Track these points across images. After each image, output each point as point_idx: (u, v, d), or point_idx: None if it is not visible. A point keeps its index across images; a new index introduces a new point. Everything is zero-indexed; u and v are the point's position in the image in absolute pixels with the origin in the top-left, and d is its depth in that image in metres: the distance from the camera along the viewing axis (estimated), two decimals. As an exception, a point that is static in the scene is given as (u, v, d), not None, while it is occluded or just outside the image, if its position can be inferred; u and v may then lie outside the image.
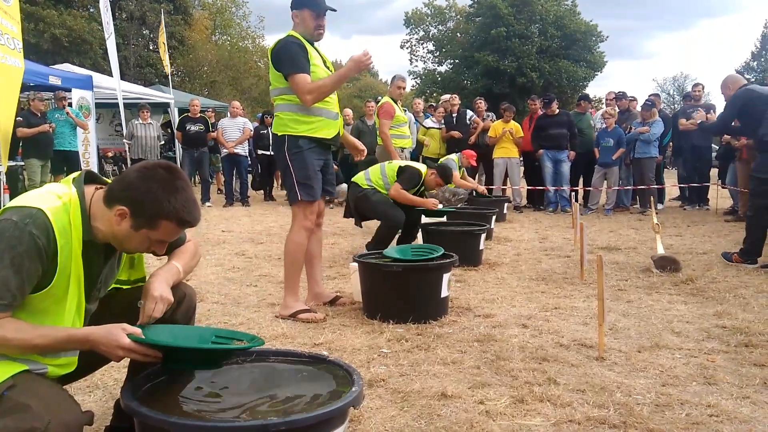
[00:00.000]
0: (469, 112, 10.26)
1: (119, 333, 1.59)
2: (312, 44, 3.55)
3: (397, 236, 5.40)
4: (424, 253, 3.84)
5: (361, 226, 5.79)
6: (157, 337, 1.69)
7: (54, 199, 1.64)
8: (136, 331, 1.61)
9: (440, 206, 6.03)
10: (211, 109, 13.25)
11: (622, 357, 2.90)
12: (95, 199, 1.71)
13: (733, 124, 5.63)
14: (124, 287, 2.01)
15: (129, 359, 1.92)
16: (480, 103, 10.55)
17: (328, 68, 3.61)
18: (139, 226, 1.67)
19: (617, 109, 9.77)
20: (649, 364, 2.79)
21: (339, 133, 3.69)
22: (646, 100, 9.37)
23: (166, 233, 1.72)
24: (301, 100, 3.41)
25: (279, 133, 3.54)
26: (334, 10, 3.57)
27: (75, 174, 1.76)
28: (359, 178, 5.42)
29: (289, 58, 3.40)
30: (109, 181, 1.80)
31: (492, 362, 2.83)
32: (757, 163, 5.20)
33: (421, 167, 5.47)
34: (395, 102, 7.17)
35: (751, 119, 5.12)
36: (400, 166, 5.33)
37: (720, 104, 10.45)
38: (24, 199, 1.63)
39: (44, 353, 1.63)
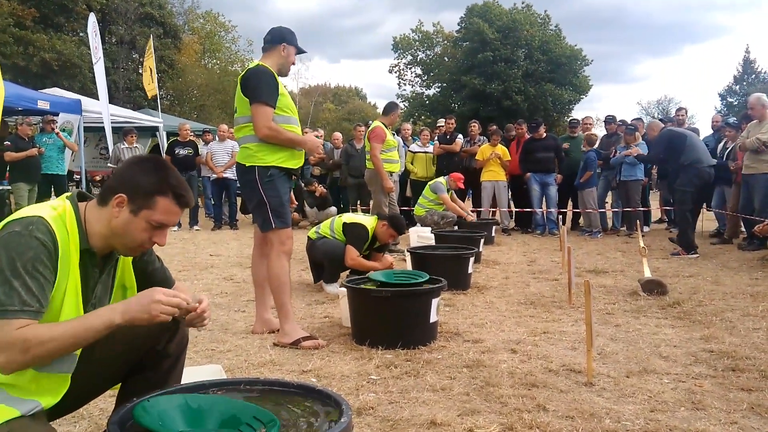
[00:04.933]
0: (460, 137, 10.36)
1: (155, 294, 1.66)
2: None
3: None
4: (407, 278, 3.85)
5: (315, 281, 5.43)
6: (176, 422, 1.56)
7: (50, 210, 1.69)
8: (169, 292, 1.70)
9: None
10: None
11: (611, 382, 2.90)
12: (88, 208, 1.77)
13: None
14: None
15: (117, 394, 1.92)
16: (474, 126, 10.66)
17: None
18: (139, 208, 1.72)
19: (596, 134, 9.92)
20: (638, 389, 2.80)
21: (302, 163, 3.81)
22: (629, 125, 9.51)
23: (165, 212, 1.75)
24: (257, 128, 3.46)
25: (247, 164, 3.56)
26: (305, 52, 3.93)
27: (67, 193, 1.82)
28: (311, 231, 5.45)
29: (262, 86, 3.46)
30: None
31: (481, 388, 2.82)
32: (680, 179, 7.01)
33: (367, 222, 5.19)
34: (386, 127, 7.24)
35: (674, 151, 6.99)
36: (344, 223, 5.17)
37: (704, 128, 10.66)
38: (21, 212, 1.67)
39: (80, 345, 1.63)
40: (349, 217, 5.30)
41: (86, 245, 1.73)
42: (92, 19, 12.34)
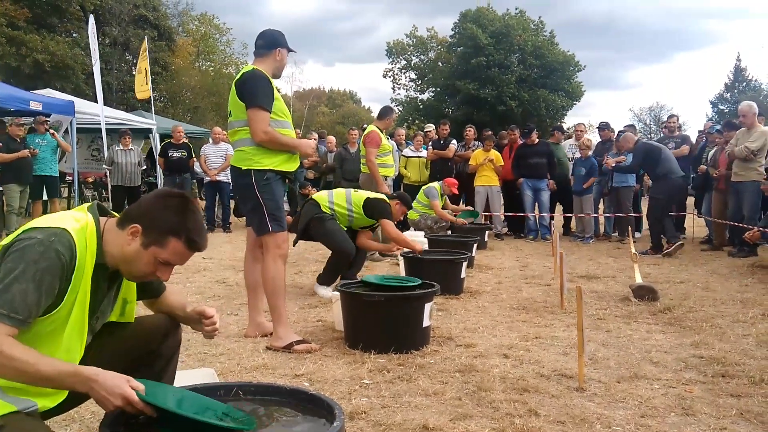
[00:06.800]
0: (454, 142, 10.39)
1: (123, 381, 1.57)
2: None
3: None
4: (400, 283, 3.86)
5: (294, 245, 5.21)
6: (156, 396, 1.64)
7: (73, 221, 1.71)
8: (140, 386, 1.59)
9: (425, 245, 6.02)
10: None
11: (602, 387, 2.92)
12: (108, 226, 1.80)
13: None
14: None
15: None
16: (470, 131, 10.70)
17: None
18: (149, 243, 1.74)
19: (591, 140, 9.98)
20: (629, 394, 2.82)
21: (298, 166, 3.82)
22: (620, 132, 9.58)
23: (174, 253, 1.77)
24: (253, 133, 3.47)
25: (243, 167, 3.56)
26: (295, 52, 3.92)
27: (87, 204, 1.85)
28: (322, 198, 5.26)
29: (258, 91, 3.47)
30: (115, 213, 1.88)
31: (473, 393, 2.83)
32: (654, 188, 7.85)
33: (385, 198, 5.39)
34: (381, 131, 7.26)
35: (651, 162, 7.76)
36: (368, 198, 5.21)
37: (694, 135, 10.75)
38: (45, 221, 1.69)
39: (42, 384, 1.60)
40: (366, 193, 5.37)
41: (101, 260, 1.76)
42: (92, 21, 12.33)
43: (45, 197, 9.83)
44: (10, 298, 1.53)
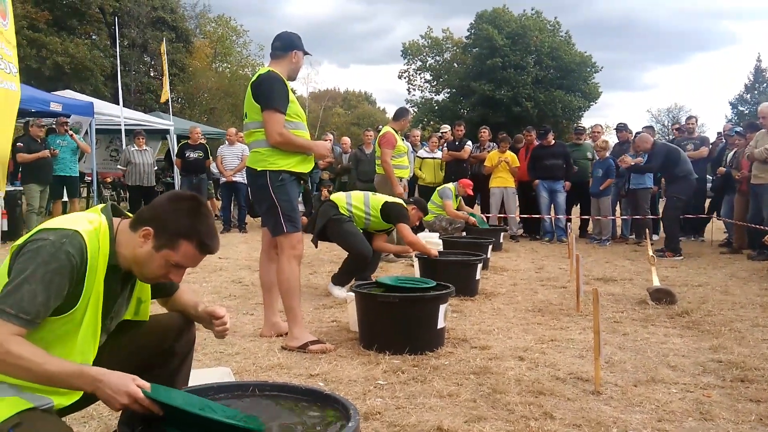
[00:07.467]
0: (469, 143, 10.37)
1: (129, 380, 1.58)
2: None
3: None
4: (414, 284, 3.86)
5: (317, 246, 5.49)
6: (164, 396, 1.64)
7: (86, 223, 1.73)
8: (146, 384, 1.59)
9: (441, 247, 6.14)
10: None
11: (618, 391, 2.90)
12: (121, 227, 1.81)
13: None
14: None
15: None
16: (484, 132, 10.68)
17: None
18: (161, 246, 1.75)
19: (608, 141, 9.91)
20: (645, 398, 2.79)
21: (312, 167, 3.85)
22: (637, 133, 9.50)
23: (185, 256, 1.78)
24: (268, 135, 3.50)
25: (258, 168, 3.58)
26: (311, 54, 3.98)
27: (101, 205, 1.86)
28: (340, 199, 5.30)
29: (274, 93, 3.50)
30: (129, 214, 1.89)
31: (488, 395, 2.83)
32: (674, 188, 7.79)
33: (403, 203, 5.46)
34: (396, 132, 7.27)
35: (669, 162, 7.76)
36: (386, 202, 5.26)
37: (712, 136, 10.62)
38: (58, 222, 1.71)
39: (48, 383, 1.61)
40: (384, 197, 5.42)
41: (114, 261, 1.78)
42: (116, 25, 12.54)
43: (65, 197, 9.97)
44: (19, 299, 1.55)
